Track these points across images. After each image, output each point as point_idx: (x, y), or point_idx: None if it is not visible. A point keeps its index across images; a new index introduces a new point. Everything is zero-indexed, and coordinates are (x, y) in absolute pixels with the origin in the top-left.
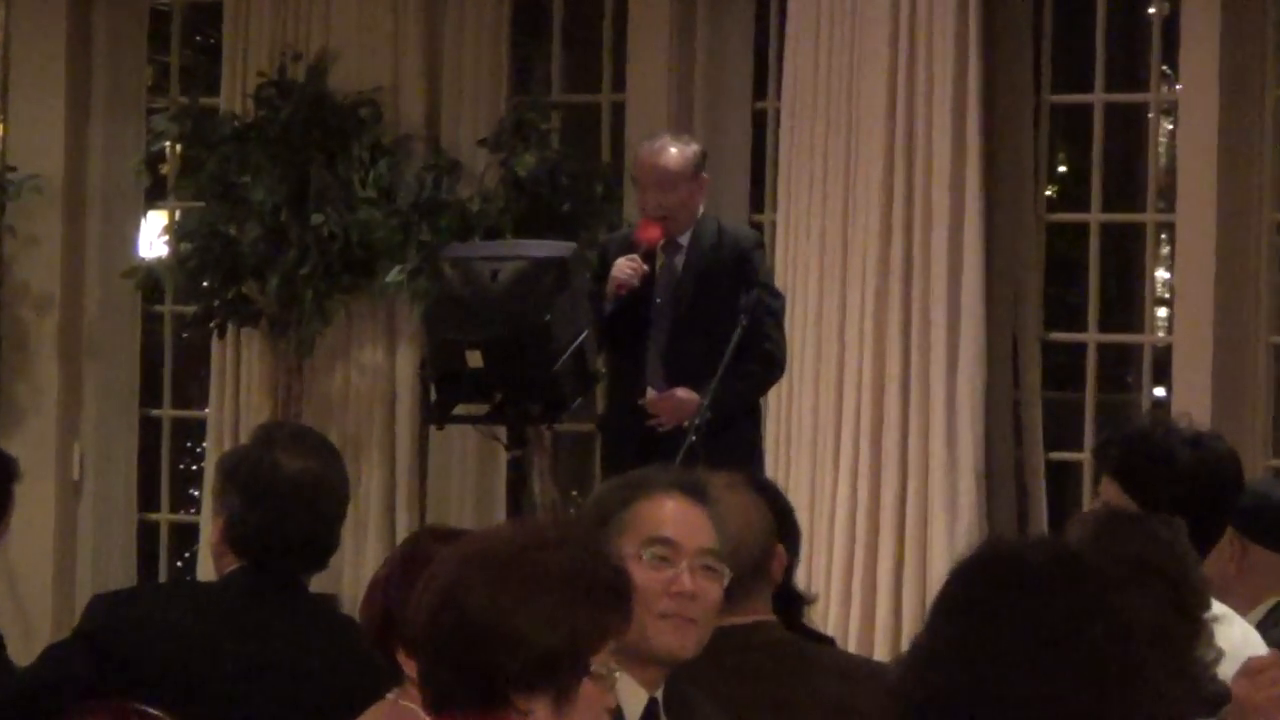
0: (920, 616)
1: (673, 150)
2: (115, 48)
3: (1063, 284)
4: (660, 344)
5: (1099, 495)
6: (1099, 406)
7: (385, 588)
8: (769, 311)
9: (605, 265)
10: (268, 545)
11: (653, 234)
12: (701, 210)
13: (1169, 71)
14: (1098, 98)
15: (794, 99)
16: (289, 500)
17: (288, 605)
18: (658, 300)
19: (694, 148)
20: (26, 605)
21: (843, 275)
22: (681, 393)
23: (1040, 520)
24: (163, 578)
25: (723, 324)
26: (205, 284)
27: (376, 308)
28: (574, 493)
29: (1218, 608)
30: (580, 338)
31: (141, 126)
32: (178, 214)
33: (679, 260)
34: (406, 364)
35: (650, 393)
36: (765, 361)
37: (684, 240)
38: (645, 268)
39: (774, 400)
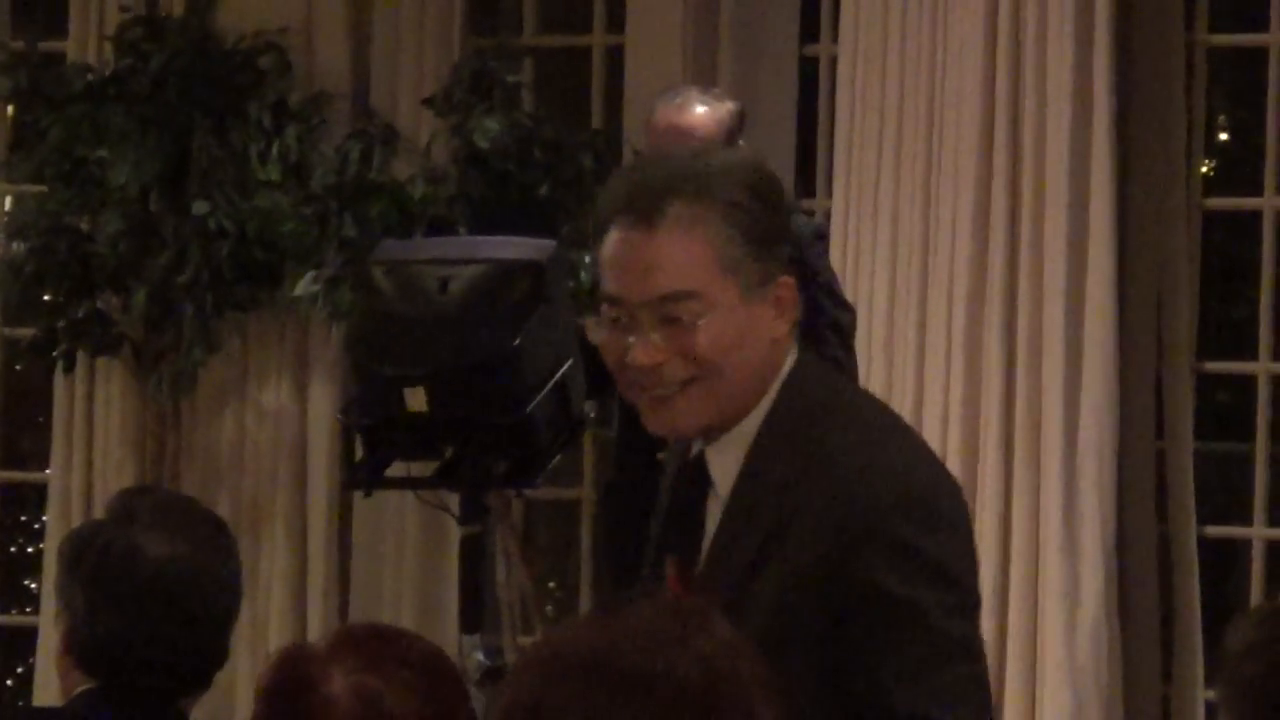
0: None
1: (699, 108)
2: None
3: (1224, 294)
4: None
5: None
6: (1274, 462)
7: None
8: (835, 327)
9: None
10: (125, 660)
11: None
12: None
13: None
14: (1274, 38)
15: (857, 43)
16: (154, 598)
17: None
18: None
19: (728, 105)
20: None
21: (923, 284)
22: None
23: (1191, 615)
24: None
25: None
26: (47, 297)
27: (282, 329)
28: (552, 584)
29: None
30: (562, 369)
31: None
32: (8, 201)
33: None
34: (323, 407)
35: None
36: None
37: None
38: None
39: None
